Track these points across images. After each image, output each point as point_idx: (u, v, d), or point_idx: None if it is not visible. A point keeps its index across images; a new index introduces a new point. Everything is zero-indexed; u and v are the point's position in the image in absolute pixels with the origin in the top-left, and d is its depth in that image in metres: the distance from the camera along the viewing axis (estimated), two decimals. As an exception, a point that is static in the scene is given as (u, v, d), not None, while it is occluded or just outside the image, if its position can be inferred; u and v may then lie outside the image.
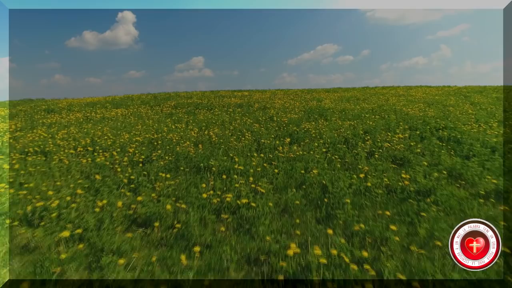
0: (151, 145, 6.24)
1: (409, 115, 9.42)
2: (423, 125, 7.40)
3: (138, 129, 8.22)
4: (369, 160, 4.89)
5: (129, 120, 10.03)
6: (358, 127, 7.58)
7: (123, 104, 15.48)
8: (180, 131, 7.77)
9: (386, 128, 7.41)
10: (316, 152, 5.35)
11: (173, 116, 10.72)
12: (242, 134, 7.18)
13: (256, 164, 4.69)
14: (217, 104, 13.74)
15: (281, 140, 6.44)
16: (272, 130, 7.51)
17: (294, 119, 9.20)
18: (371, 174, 4.20)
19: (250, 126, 8.23)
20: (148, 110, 12.80)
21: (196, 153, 5.43)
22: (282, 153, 5.32)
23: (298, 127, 8.01)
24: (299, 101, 14.59)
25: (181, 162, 4.97)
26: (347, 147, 5.75)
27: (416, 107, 11.11)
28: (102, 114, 11.86)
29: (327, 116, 9.51)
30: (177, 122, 9.37)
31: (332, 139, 6.27)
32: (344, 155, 5.21)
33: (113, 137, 7.05)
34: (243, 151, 5.54)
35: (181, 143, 6.28)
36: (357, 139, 6.23)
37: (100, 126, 8.83)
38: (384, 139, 6.11)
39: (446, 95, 16.67)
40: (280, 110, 11.27)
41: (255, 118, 9.49)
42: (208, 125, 8.63)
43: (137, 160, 5.05)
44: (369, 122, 8.09)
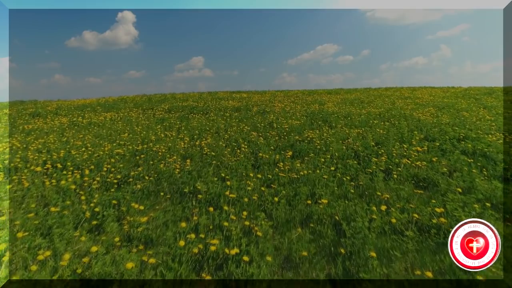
0: (133, 160, 5.44)
1: (421, 121, 8.63)
2: (440, 135, 6.61)
3: (123, 138, 7.42)
4: (387, 183, 4.09)
5: (116, 126, 9.23)
6: (368, 137, 6.78)
7: (115, 107, 14.68)
8: (169, 140, 6.97)
9: (400, 138, 6.61)
10: (323, 170, 4.56)
11: (164, 121, 9.92)
12: (237, 145, 6.38)
13: (253, 188, 3.89)
14: (213, 108, 12.94)
15: (281, 153, 5.64)
16: (272, 140, 6.72)
17: (296, 125, 8.41)
18: (394, 204, 3.41)
19: (247, 134, 7.43)
20: (139, 115, 12.00)
21: (182, 172, 4.63)
22: (283, 172, 4.52)
23: (300, 135, 7.21)
24: (300, 104, 13.80)
25: (163, 185, 4.17)
26: (359, 163, 4.95)
27: (427, 112, 10.33)
28: (89, 119, 11.06)
29: (332, 122, 8.71)
30: (167, 129, 8.58)
31: (340, 152, 5.47)
32: (356, 175, 4.42)
33: (92, 148, 6.25)
34: (238, 169, 4.75)
35: (167, 157, 5.48)
36: (368, 153, 5.44)
37: (82, 134, 8.03)
38: (400, 153, 5.32)
39: (454, 97, 15.88)
40: (280, 115, 10.47)
41: (253, 125, 8.70)
42: (201, 133, 7.83)
43: (111, 181, 4.25)
44: (379, 130, 7.30)
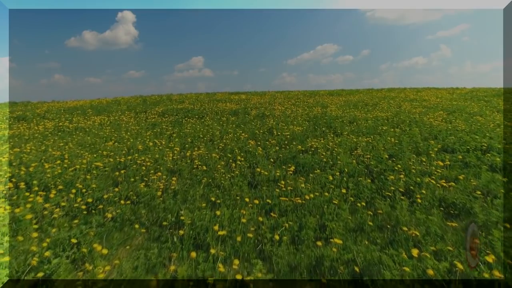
0: (112, 177, 4.73)
1: (434, 127, 7.93)
2: (460, 145, 5.90)
3: (108, 147, 6.71)
4: (412, 211, 3.38)
5: (103, 133, 8.52)
6: (379, 147, 6.08)
7: (107, 110, 13.96)
8: (157, 150, 6.26)
9: (415, 148, 5.91)
10: (333, 193, 3.85)
11: (156, 127, 9.20)
12: (233, 156, 5.67)
13: (248, 219, 3.18)
14: (209, 111, 12.24)
15: (282, 168, 4.94)
16: (272, 151, 6.01)
17: (298, 132, 7.70)
18: (425, 243, 2.70)
19: (244, 143, 6.72)
20: (131, 119, 11.29)
21: (166, 194, 3.92)
22: (285, 195, 3.82)
23: (303, 144, 6.51)
24: (301, 107, 13.10)
25: (140, 212, 3.46)
26: (373, 181, 4.24)
27: (438, 116, 9.63)
28: (77, 124, 10.35)
29: (337, 129, 8.00)
30: (158, 136, 7.86)
31: (350, 167, 4.77)
32: (372, 198, 3.71)
33: (70, 160, 5.54)
34: (231, 190, 4.04)
35: (151, 173, 4.77)
36: (382, 168, 4.73)
37: (64, 142, 7.32)
38: (420, 170, 4.61)
39: (463, 99, 15.19)
40: (281, 120, 9.77)
41: (251, 131, 7.99)
42: (194, 141, 7.12)
43: (78, 208, 3.53)
44: (390, 139, 6.59)
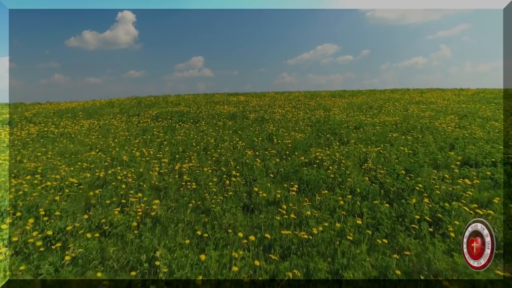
0: (84, 198, 4.06)
1: (448, 134, 7.27)
2: (483, 156, 5.24)
3: (90, 157, 6.04)
4: (448, 252, 2.71)
5: (89, 139, 7.85)
6: (392, 159, 5.41)
7: (99, 112, 13.29)
8: (144, 162, 5.60)
9: (432, 160, 5.24)
10: (345, 222, 3.18)
11: (146, 133, 8.53)
12: (228, 170, 5.00)
13: (241, 265, 2.52)
14: (206, 114, 11.57)
15: (284, 186, 4.27)
16: (272, 163, 5.35)
17: (300, 140, 7.04)
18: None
19: (241, 153, 6.06)
20: (121, 123, 10.61)
21: (142, 226, 3.25)
22: (287, 224, 3.15)
23: (306, 154, 5.85)
24: (302, 110, 12.42)
25: (108, 252, 2.80)
26: (391, 206, 3.58)
27: (450, 121, 8.96)
28: (63, 128, 9.67)
29: (342, 136, 7.34)
30: (147, 144, 7.20)
31: (362, 186, 4.10)
32: (393, 231, 3.05)
33: (42, 176, 4.88)
34: (223, 218, 3.37)
35: (132, 193, 4.09)
36: (400, 187, 4.07)
37: (43, 151, 6.65)
38: (445, 190, 3.94)
39: (471, 101, 14.53)
40: (281, 125, 9.10)
41: (249, 139, 7.33)
42: (185, 150, 6.46)
43: (32, 246, 2.87)
44: (403, 149, 5.92)
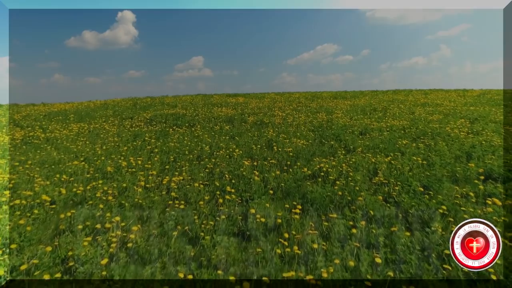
0: (53, 223, 3.50)
1: (461, 140, 6.73)
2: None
3: (71, 167, 5.49)
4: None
5: (75, 146, 7.30)
6: (404, 170, 4.86)
7: (91, 115, 12.74)
8: (129, 175, 5.04)
9: (451, 173, 4.70)
10: (360, 261, 2.63)
11: (137, 138, 7.98)
12: (222, 185, 4.45)
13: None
14: (202, 117, 11.02)
15: (286, 208, 3.72)
16: (271, 176, 4.79)
17: (302, 148, 6.49)
18: None
19: (237, 163, 5.51)
20: (113, 127, 10.05)
21: (114, 263, 2.70)
22: (291, 264, 2.60)
23: (309, 165, 5.31)
24: (304, 113, 11.87)
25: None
26: (413, 235, 3.02)
27: (461, 126, 8.42)
28: (51, 133, 9.12)
29: (348, 143, 6.79)
30: (136, 152, 6.64)
31: (376, 207, 3.55)
32: (419, 271, 2.49)
33: (14, 191, 4.34)
34: (212, 253, 2.81)
35: (108, 216, 3.53)
36: (420, 207, 3.52)
37: (23, 159, 6.09)
38: (473, 213, 3.38)
39: (479, 104, 13.99)
40: (282, 130, 8.55)
41: (247, 146, 6.78)
42: (177, 160, 5.91)
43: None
44: (416, 158, 5.37)
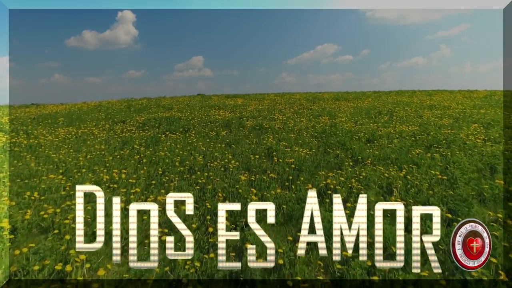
0: (9, 258, 2.90)
1: (479, 150, 6.13)
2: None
3: (45, 183, 4.88)
4: None
5: (56, 156, 6.69)
6: (423, 188, 4.26)
7: (82, 118, 12.11)
8: (108, 193, 4.44)
9: (477, 191, 4.09)
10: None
11: (126, 146, 7.36)
12: (213, 207, 3.84)
13: None
14: (198, 121, 10.40)
15: (288, 241, 3.11)
16: (271, 195, 4.19)
17: (305, 158, 5.88)
18: None
19: (233, 178, 4.90)
20: (102, 132, 9.44)
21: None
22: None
23: (314, 181, 4.71)
24: (305, 116, 11.26)
25: None
26: (448, 283, 2.42)
27: (475, 132, 7.81)
28: (34, 139, 8.50)
29: (355, 152, 6.18)
30: (122, 163, 6.02)
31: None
32: None
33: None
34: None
35: (72, 253, 2.92)
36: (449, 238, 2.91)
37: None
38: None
39: (488, 106, 13.38)
40: (282, 136, 7.95)
41: (245, 156, 6.17)
42: (165, 173, 5.30)
43: None
44: (435, 173, 4.77)
